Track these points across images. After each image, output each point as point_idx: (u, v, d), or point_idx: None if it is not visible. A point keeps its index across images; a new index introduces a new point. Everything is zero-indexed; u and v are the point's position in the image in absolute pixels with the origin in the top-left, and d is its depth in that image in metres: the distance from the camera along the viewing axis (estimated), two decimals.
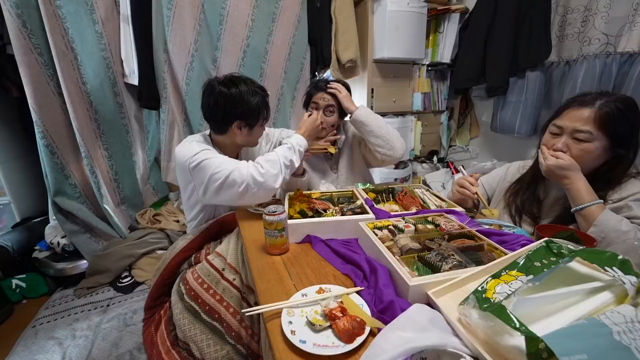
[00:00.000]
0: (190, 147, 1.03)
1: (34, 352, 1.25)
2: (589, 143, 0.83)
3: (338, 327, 0.51)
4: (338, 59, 1.99)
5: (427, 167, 2.44)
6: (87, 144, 1.62)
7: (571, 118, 0.85)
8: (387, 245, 0.68)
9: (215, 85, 1.05)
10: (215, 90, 1.04)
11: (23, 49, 1.39)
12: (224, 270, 0.96)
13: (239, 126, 1.08)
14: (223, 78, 1.07)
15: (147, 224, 1.93)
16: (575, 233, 0.68)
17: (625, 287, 0.44)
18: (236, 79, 1.07)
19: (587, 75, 1.53)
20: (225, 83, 1.05)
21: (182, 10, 1.64)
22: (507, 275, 0.51)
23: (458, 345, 0.43)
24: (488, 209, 0.95)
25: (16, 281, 1.57)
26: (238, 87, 1.04)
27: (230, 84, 1.04)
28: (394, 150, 1.19)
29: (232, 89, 1.03)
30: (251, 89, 1.05)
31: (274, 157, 1.04)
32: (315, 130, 1.20)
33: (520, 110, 1.84)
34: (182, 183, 1.12)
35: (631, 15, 1.38)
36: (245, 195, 0.99)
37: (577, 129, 0.83)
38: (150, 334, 1.09)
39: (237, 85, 1.04)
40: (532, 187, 0.99)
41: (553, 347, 0.34)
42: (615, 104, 0.80)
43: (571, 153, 0.85)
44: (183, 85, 1.75)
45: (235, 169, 0.98)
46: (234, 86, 1.04)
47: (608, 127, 0.80)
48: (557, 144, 0.87)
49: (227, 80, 1.06)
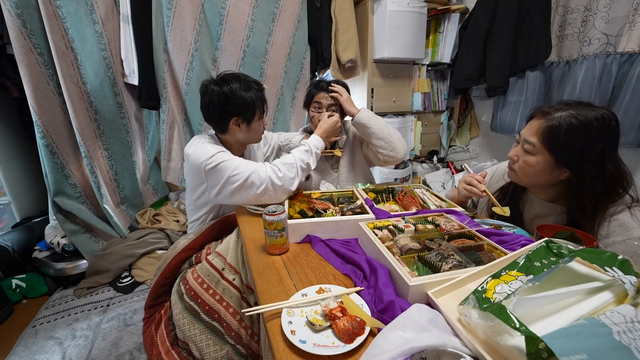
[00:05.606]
0: (205, 149, 1.02)
1: (34, 352, 1.25)
2: (531, 155, 0.80)
3: (338, 327, 0.51)
4: (338, 59, 1.99)
5: (427, 167, 2.44)
6: (87, 144, 1.62)
7: (528, 127, 0.82)
8: (387, 245, 0.68)
9: (208, 86, 1.05)
10: (209, 90, 1.05)
11: (23, 49, 1.39)
12: (223, 270, 0.96)
13: (237, 123, 1.08)
14: (216, 77, 1.08)
15: (147, 224, 1.93)
16: (575, 233, 0.68)
17: (625, 287, 0.44)
18: (228, 76, 1.07)
19: (587, 75, 1.53)
20: (217, 82, 1.05)
21: (182, 10, 1.64)
22: (507, 275, 0.51)
23: (458, 345, 0.43)
24: (499, 207, 0.90)
25: (16, 281, 1.57)
26: (230, 84, 1.04)
27: (222, 82, 1.05)
28: (396, 152, 1.20)
29: (224, 87, 1.03)
30: (244, 84, 1.05)
31: (292, 160, 1.05)
32: (334, 131, 1.20)
33: (520, 110, 1.84)
34: (193, 184, 1.10)
35: (631, 15, 1.38)
36: (262, 197, 1.01)
37: (526, 140, 0.81)
38: (150, 333, 1.09)
39: (228, 82, 1.04)
40: (514, 199, 0.97)
41: (553, 347, 0.34)
42: (570, 119, 0.73)
43: (518, 163, 0.84)
44: (183, 85, 1.75)
45: (254, 172, 0.99)
46: (226, 84, 1.04)
47: (548, 142, 0.76)
48: (511, 152, 0.87)
49: (219, 79, 1.06)
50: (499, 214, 0.90)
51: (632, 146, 1.42)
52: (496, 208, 0.91)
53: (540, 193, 0.91)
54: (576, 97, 1.57)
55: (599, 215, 0.77)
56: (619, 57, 1.44)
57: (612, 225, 0.75)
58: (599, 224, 0.77)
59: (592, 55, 1.52)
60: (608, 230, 0.76)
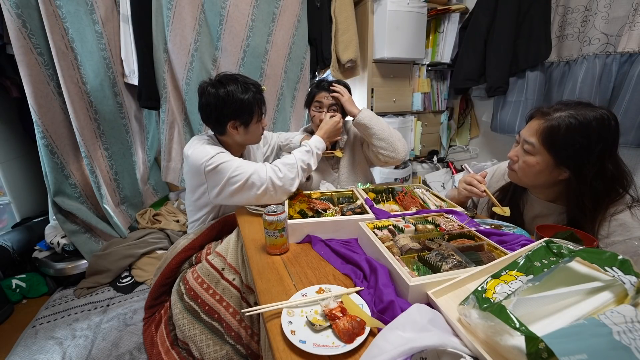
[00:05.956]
0: (205, 150, 1.01)
1: (34, 352, 1.25)
2: (531, 156, 0.80)
3: (338, 327, 0.51)
4: (338, 59, 1.99)
5: (427, 167, 2.44)
6: (87, 144, 1.62)
7: (528, 128, 0.82)
8: (387, 245, 0.68)
9: (205, 88, 1.04)
10: (205, 92, 1.03)
11: (23, 49, 1.39)
12: (223, 270, 0.96)
13: (234, 126, 1.06)
14: (213, 79, 1.06)
15: (147, 224, 1.93)
16: (575, 233, 0.68)
17: (625, 287, 0.44)
18: (226, 78, 1.05)
19: (587, 75, 1.53)
20: (214, 84, 1.03)
21: (182, 10, 1.64)
22: (507, 275, 0.51)
23: (458, 345, 0.43)
24: (499, 207, 0.90)
25: (16, 281, 1.57)
26: (226, 87, 1.02)
27: (219, 85, 1.03)
28: (397, 153, 1.19)
29: (220, 90, 1.01)
30: (241, 86, 1.03)
31: (292, 161, 1.04)
32: (336, 132, 1.20)
33: (520, 110, 1.84)
34: (193, 185, 1.09)
35: (631, 15, 1.38)
36: (263, 198, 1.00)
37: (525, 140, 0.81)
38: (150, 333, 1.09)
39: (225, 85, 1.02)
40: (515, 199, 0.97)
41: (553, 347, 0.34)
42: (569, 119, 0.73)
43: (518, 164, 0.84)
44: (183, 85, 1.75)
45: (255, 172, 0.99)
46: (222, 86, 1.02)
47: (547, 142, 0.76)
48: (511, 152, 0.87)
49: (216, 82, 1.04)
50: (499, 214, 0.89)
51: (632, 146, 1.42)
52: (496, 208, 0.90)
53: (540, 193, 0.91)
54: (576, 97, 1.56)
55: (599, 215, 0.77)
56: (619, 57, 1.44)
57: (612, 225, 0.75)
58: (599, 223, 0.77)
59: (592, 55, 1.52)
60: (608, 230, 0.75)
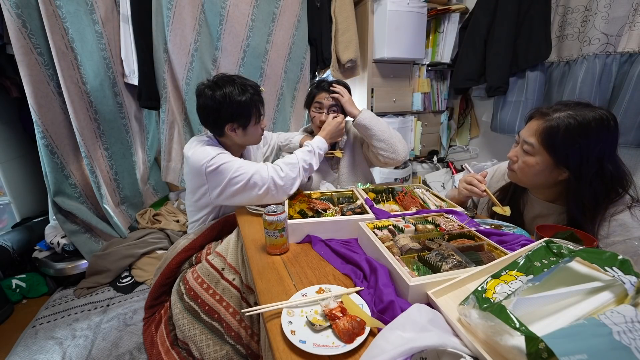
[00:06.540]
0: (205, 151, 1.01)
1: (34, 352, 1.25)
2: (530, 156, 0.80)
3: (338, 327, 0.51)
4: (338, 59, 1.99)
5: (427, 167, 2.44)
6: (87, 144, 1.62)
7: (527, 128, 0.82)
8: (387, 245, 0.68)
9: (203, 89, 1.03)
10: (203, 94, 1.02)
11: (23, 49, 1.39)
12: (223, 270, 0.96)
13: (232, 128, 1.06)
14: (211, 81, 1.04)
15: (147, 224, 1.93)
16: (575, 233, 0.68)
17: (625, 287, 0.44)
18: (223, 80, 1.03)
19: (587, 75, 1.53)
20: (211, 86, 1.02)
21: (182, 10, 1.64)
22: (507, 275, 0.51)
23: (458, 345, 0.43)
24: (500, 207, 0.90)
25: (16, 281, 1.57)
26: (223, 89, 1.00)
27: (216, 87, 1.01)
28: (397, 154, 1.19)
29: (217, 92, 1.00)
30: (239, 88, 1.02)
31: (294, 161, 1.04)
32: (338, 132, 1.19)
33: (520, 110, 1.84)
34: (193, 185, 1.08)
35: (631, 15, 1.38)
36: (264, 198, 1.00)
37: (525, 140, 0.81)
38: (150, 333, 1.09)
39: (222, 87, 1.01)
40: (515, 199, 0.97)
41: (553, 347, 0.34)
42: (568, 120, 0.72)
43: (517, 164, 0.84)
44: (183, 85, 1.75)
45: (256, 172, 0.98)
46: (219, 88, 1.01)
47: (547, 142, 0.76)
48: (511, 152, 0.87)
49: (213, 83, 1.03)
50: (500, 214, 0.89)
51: (632, 146, 1.42)
52: (497, 208, 0.90)
53: (540, 193, 0.91)
54: (576, 97, 1.56)
55: (599, 215, 0.77)
56: (619, 57, 1.44)
57: (612, 225, 0.75)
58: (599, 224, 0.77)
59: (592, 55, 1.52)
60: (608, 230, 0.76)
